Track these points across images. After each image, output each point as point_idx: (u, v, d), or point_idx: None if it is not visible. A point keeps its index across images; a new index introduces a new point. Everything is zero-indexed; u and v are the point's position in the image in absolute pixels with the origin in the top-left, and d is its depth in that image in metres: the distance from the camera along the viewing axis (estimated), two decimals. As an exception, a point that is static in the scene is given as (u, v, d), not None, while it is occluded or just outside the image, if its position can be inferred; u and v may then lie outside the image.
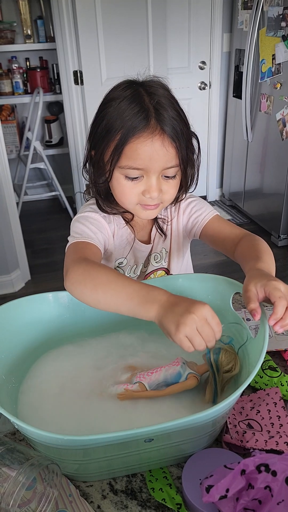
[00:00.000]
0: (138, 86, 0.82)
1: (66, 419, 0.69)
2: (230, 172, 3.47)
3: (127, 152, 0.81)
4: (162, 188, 0.85)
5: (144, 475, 0.68)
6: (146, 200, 0.86)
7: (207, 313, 0.64)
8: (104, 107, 0.84)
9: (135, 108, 0.79)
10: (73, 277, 0.74)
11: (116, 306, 0.70)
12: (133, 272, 1.03)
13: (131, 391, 0.72)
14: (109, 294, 0.71)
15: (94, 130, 0.86)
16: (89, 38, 2.58)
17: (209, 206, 1.02)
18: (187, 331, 0.63)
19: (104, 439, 0.56)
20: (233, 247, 0.90)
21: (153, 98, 0.80)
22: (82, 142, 2.91)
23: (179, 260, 1.07)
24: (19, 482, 0.57)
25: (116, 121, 0.80)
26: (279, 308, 0.65)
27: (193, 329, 0.63)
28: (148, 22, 2.74)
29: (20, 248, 2.59)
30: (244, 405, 0.78)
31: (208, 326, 0.64)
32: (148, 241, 1.03)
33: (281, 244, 2.95)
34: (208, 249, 1.06)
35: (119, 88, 0.84)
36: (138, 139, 0.79)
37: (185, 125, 0.83)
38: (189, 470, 0.64)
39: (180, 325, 0.63)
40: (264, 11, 2.71)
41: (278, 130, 2.77)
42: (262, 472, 0.54)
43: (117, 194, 0.89)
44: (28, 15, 3.24)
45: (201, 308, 0.64)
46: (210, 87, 3.33)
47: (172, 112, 0.81)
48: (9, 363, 0.75)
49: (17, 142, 3.48)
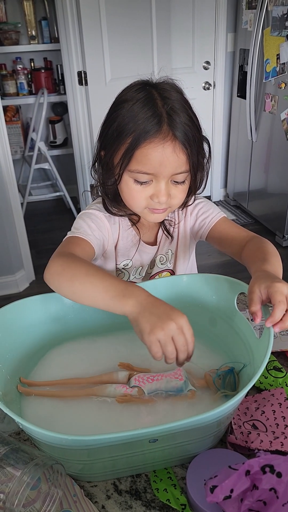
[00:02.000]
0: (151, 88, 0.81)
1: (70, 418, 0.69)
2: (234, 172, 3.47)
3: (137, 157, 0.80)
4: (171, 192, 0.85)
5: (148, 476, 0.68)
6: (154, 204, 0.86)
7: (185, 323, 0.64)
8: (117, 108, 0.83)
9: (148, 112, 0.78)
10: (52, 269, 0.75)
11: (92, 298, 0.70)
12: (138, 274, 1.03)
13: (130, 396, 0.71)
14: (85, 286, 0.70)
15: (105, 131, 0.85)
16: (93, 38, 2.58)
17: (216, 208, 1.02)
18: (161, 336, 0.63)
19: (108, 439, 0.56)
20: (239, 250, 0.90)
21: (166, 103, 0.79)
22: (86, 143, 2.91)
23: (185, 262, 1.07)
24: (23, 482, 0.57)
25: (128, 124, 0.79)
26: (277, 312, 0.66)
27: (168, 336, 0.63)
28: (152, 22, 2.74)
29: (25, 248, 2.60)
30: (249, 405, 0.77)
31: (183, 336, 0.64)
32: (154, 243, 1.03)
33: (285, 244, 2.94)
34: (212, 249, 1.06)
35: (133, 90, 0.83)
36: (150, 144, 0.78)
37: (197, 130, 0.83)
38: (194, 471, 0.64)
39: (156, 328, 0.63)
40: (268, 10, 2.71)
41: (283, 130, 2.76)
42: (266, 473, 0.54)
43: (125, 197, 0.89)
44: (33, 16, 3.25)
45: (180, 317, 0.64)
46: (215, 87, 3.33)
47: (184, 118, 0.80)
48: (14, 363, 0.75)
49: (21, 142, 3.49)
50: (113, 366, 0.78)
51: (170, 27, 2.86)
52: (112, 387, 0.72)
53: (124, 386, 0.72)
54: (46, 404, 0.72)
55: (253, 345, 0.73)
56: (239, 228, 0.97)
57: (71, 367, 0.79)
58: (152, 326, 0.63)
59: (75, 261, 0.75)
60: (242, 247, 0.89)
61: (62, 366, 0.79)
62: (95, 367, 0.78)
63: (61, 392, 0.73)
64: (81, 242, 0.87)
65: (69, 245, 0.85)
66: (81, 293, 0.71)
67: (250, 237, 0.92)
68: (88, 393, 0.73)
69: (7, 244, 2.44)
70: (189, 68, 3.22)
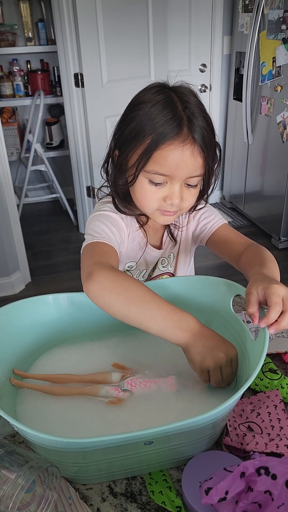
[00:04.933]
0: (170, 92, 0.81)
1: (65, 421, 0.69)
2: (230, 175, 3.48)
3: (155, 158, 0.80)
4: (183, 195, 0.85)
5: (144, 478, 0.68)
6: (166, 206, 0.86)
7: (234, 356, 0.70)
8: (134, 109, 0.82)
9: (168, 115, 0.78)
10: (100, 283, 0.72)
11: (148, 324, 0.71)
12: (141, 276, 1.03)
13: (122, 399, 0.71)
14: (143, 312, 0.70)
15: (121, 131, 0.85)
16: (90, 41, 2.58)
17: (218, 214, 1.02)
18: (211, 367, 0.68)
19: (103, 441, 0.56)
20: (237, 256, 0.90)
21: (187, 107, 0.79)
22: (82, 145, 2.91)
23: (185, 266, 1.08)
24: (18, 484, 0.57)
25: (147, 125, 0.79)
26: (272, 313, 0.66)
27: (217, 367, 0.68)
28: (148, 24, 2.75)
29: (21, 250, 2.59)
30: (244, 407, 0.77)
31: (230, 368, 0.69)
32: (160, 246, 1.03)
33: (281, 246, 2.94)
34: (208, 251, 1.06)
35: (151, 91, 0.82)
36: (169, 146, 0.79)
37: (213, 135, 0.83)
38: (189, 473, 0.64)
39: (206, 360, 0.68)
40: (264, 14, 2.72)
41: (279, 132, 2.78)
42: (262, 475, 0.54)
43: (137, 197, 0.88)
44: (29, 18, 3.25)
45: (230, 349, 0.69)
46: (211, 89, 3.34)
47: (202, 122, 0.81)
48: (8, 365, 0.75)
49: (18, 144, 3.48)
50: (107, 369, 0.78)
51: (166, 30, 2.87)
52: (105, 389, 0.72)
53: (117, 389, 0.72)
54: (41, 404, 0.72)
55: (248, 347, 0.73)
56: (238, 235, 0.97)
57: (66, 369, 0.78)
58: (202, 357, 0.68)
59: (126, 279, 0.73)
60: (240, 254, 0.90)
61: (56, 368, 0.79)
62: (90, 369, 0.78)
63: (54, 389, 0.74)
64: (109, 249, 0.84)
65: (102, 254, 0.82)
66: (136, 317, 0.71)
67: (248, 244, 0.92)
68: (81, 392, 0.73)
69: (3, 246, 2.43)
70: (186, 71, 3.23)
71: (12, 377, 0.74)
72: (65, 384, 0.75)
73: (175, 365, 0.76)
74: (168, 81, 0.85)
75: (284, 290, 0.68)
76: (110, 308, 0.72)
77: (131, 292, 0.71)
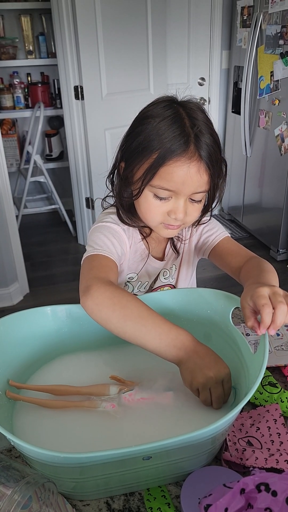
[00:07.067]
0: (179, 107, 0.82)
1: (62, 436, 0.68)
2: (229, 187, 3.49)
3: (161, 173, 0.80)
4: (187, 210, 0.85)
5: (142, 494, 0.67)
6: (170, 220, 0.86)
7: (225, 377, 0.69)
8: (142, 123, 0.82)
9: (176, 131, 0.79)
10: (98, 298, 0.72)
11: (143, 341, 0.71)
12: (143, 288, 1.03)
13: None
14: (139, 329, 0.71)
15: (128, 143, 0.85)
16: (89, 54, 2.61)
17: (221, 227, 1.03)
18: (200, 386, 0.68)
19: (101, 456, 0.55)
20: (238, 269, 0.90)
21: (195, 124, 0.79)
22: (82, 156, 2.93)
23: (187, 277, 1.07)
24: (14, 500, 0.56)
25: (154, 140, 0.79)
26: (264, 316, 0.66)
27: (206, 387, 0.68)
28: (148, 38, 2.78)
29: (19, 261, 2.59)
30: (243, 421, 0.76)
31: (220, 389, 0.69)
32: (162, 257, 1.03)
33: (280, 258, 2.95)
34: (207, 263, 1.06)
35: (159, 106, 0.82)
36: (176, 163, 0.79)
37: (219, 152, 0.84)
38: (188, 489, 0.63)
39: (196, 378, 0.68)
40: (262, 29, 2.76)
41: (277, 145, 2.80)
42: (262, 491, 0.53)
43: (142, 210, 0.88)
44: (30, 31, 3.30)
45: (222, 370, 0.69)
46: (210, 102, 3.37)
47: (209, 139, 0.81)
48: (6, 378, 0.74)
49: (17, 155, 3.50)
50: (104, 381, 0.77)
51: (165, 44, 2.91)
52: (102, 406, 0.71)
53: (114, 406, 0.72)
54: (38, 418, 0.71)
55: (248, 360, 0.72)
56: (240, 248, 0.97)
57: (63, 381, 0.77)
58: (192, 376, 0.68)
59: (124, 296, 0.73)
60: (241, 267, 0.90)
61: (54, 381, 0.78)
62: (87, 381, 0.77)
63: (50, 402, 0.72)
64: (108, 262, 0.84)
65: (101, 268, 0.82)
66: (132, 334, 0.71)
67: (249, 257, 0.92)
68: (77, 405, 0.72)
69: (1, 256, 2.42)
70: (184, 84, 3.26)
71: (8, 390, 0.73)
72: (61, 397, 0.74)
73: (173, 378, 0.75)
74: (176, 95, 0.85)
75: (267, 288, 0.68)
76: (106, 324, 0.72)
77: (127, 309, 0.71)
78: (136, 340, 0.71)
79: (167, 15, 2.92)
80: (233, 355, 0.77)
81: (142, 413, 0.71)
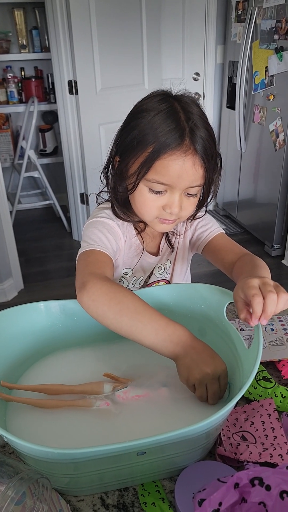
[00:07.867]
0: (173, 101, 0.81)
1: (56, 432, 0.68)
2: (223, 182, 3.49)
3: (156, 167, 0.80)
4: (182, 204, 0.85)
5: (136, 489, 0.67)
6: (165, 214, 0.86)
7: (222, 373, 0.69)
8: (137, 117, 0.82)
9: (171, 125, 0.78)
10: (94, 294, 0.72)
11: (140, 336, 0.71)
12: (137, 283, 1.02)
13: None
14: (135, 324, 0.70)
15: (122, 138, 0.84)
16: (84, 48, 2.59)
17: (216, 222, 1.02)
18: (196, 382, 0.68)
19: (95, 452, 0.55)
20: (231, 265, 0.90)
21: (190, 118, 0.79)
22: (76, 151, 2.92)
23: (181, 272, 1.07)
24: (8, 496, 0.56)
25: (149, 134, 0.79)
26: (255, 306, 0.66)
27: (202, 383, 0.68)
28: (142, 33, 2.77)
29: (13, 257, 2.58)
30: (238, 416, 0.77)
31: (217, 385, 0.68)
32: (157, 253, 1.03)
33: (274, 253, 2.96)
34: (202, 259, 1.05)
35: (154, 100, 0.82)
36: (171, 156, 0.78)
37: (214, 146, 0.83)
38: (182, 484, 0.63)
39: (192, 374, 0.68)
40: (257, 24, 2.75)
41: (271, 140, 2.80)
42: (255, 485, 0.53)
43: (137, 205, 0.88)
44: (24, 25, 3.27)
45: (219, 366, 0.68)
46: (204, 98, 3.36)
47: (204, 133, 0.80)
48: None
49: (11, 150, 3.48)
50: (99, 377, 0.77)
51: (160, 38, 2.89)
52: (96, 405, 0.71)
53: (108, 404, 0.71)
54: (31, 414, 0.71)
55: (242, 355, 0.72)
56: (233, 244, 0.97)
57: (57, 378, 0.77)
58: (189, 372, 0.68)
59: (120, 292, 0.73)
60: (234, 263, 0.90)
61: (47, 377, 0.78)
62: (81, 378, 0.77)
63: (43, 402, 0.72)
64: (104, 258, 0.84)
65: (97, 264, 0.81)
66: (128, 329, 0.71)
67: (242, 254, 0.92)
68: (70, 404, 0.71)
69: (-5, 252, 2.42)
70: (179, 79, 3.25)
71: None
72: (54, 396, 0.73)
73: (168, 374, 0.75)
74: (171, 89, 0.84)
75: (258, 279, 0.68)
76: (103, 320, 0.72)
77: (124, 304, 0.71)
78: (132, 335, 0.71)
79: (162, 9, 2.91)
80: (227, 350, 0.77)
81: (136, 410, 0.70)
